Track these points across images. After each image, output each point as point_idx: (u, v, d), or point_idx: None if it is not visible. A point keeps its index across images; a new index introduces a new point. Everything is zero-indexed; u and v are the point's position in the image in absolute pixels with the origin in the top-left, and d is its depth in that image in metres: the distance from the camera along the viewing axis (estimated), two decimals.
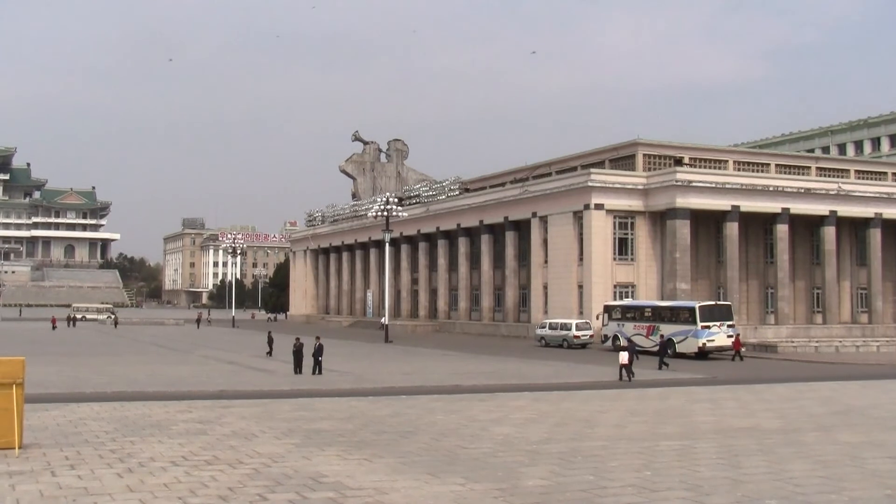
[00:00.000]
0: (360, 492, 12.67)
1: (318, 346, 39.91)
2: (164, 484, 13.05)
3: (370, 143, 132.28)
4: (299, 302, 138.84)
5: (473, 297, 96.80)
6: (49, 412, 21.21)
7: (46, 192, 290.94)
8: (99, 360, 49.75)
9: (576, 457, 15.97)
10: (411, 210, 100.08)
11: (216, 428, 19.11)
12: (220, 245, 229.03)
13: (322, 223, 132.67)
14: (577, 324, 66.31)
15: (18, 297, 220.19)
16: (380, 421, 20.82)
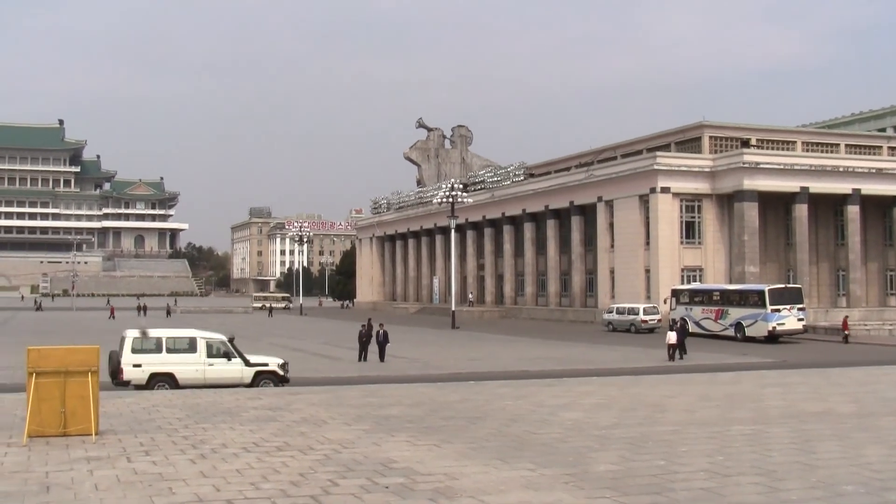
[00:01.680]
0: (430, 477, 12.68)
1: (383, 332, 40.04)
2: (237, 470, 13.17)
3: (434, 129, 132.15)
4: (366, 289, 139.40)
5: (540, 282, 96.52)
6: (123, 399, 21.52)
7: (116, 183, 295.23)
8: None
9: (646, 442, 15.85)
10: (476, 196, 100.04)
11: (286, 414, 19.24)
12: (287, 233, 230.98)
13: (387, 210, 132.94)
14: (644, 308, 65.85)
15: (91, 287, 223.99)
16: (448, 407, 20.84)
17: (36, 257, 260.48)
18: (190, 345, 28.86)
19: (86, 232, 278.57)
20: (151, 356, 28.09)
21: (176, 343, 28.89)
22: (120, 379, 27.39)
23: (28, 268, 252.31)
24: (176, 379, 27.87)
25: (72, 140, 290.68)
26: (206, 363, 28.44)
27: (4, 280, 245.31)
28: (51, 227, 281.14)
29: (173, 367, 28.10)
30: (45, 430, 15.55)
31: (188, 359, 28.34)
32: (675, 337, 40.72)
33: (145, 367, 27.74)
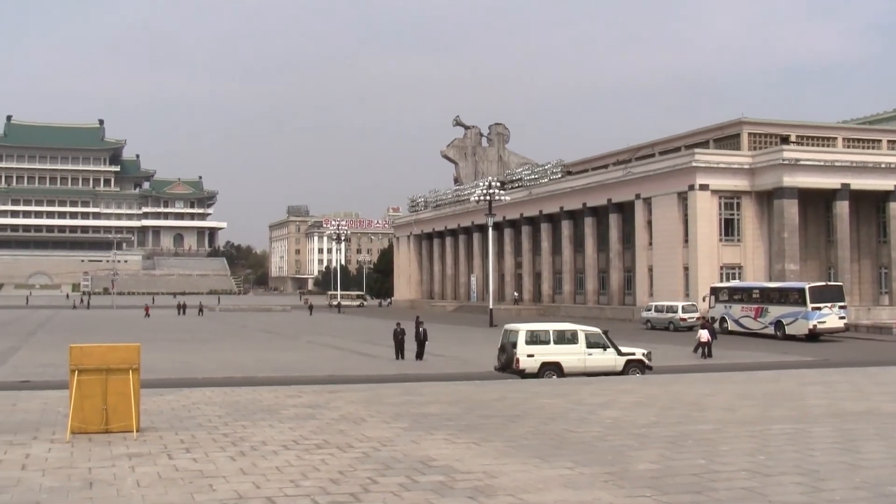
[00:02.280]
0: (469, 475, 12.68)
1: (423, 330, 40.05)
2: (276, 467, 13.23)
3: (471, 127, 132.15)
4: (403, 287, 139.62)
5: (577, 280, 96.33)
6: (164, 397, 21.67)
7: (155, 182, 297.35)
8: (208, 346, 50.72)
9: (686, 440, 15.76)
10: (514, 194, 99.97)
11: (325, 412, 19.30)
12: (325, 232, 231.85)
13: (425, 208, 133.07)
14: (683, 306, 65.51)
15: (131, 285, 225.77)
16: (486, 405, 20.82)
17: (77, 256, 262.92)
18: (572, 336, 32.56)
19: (126, 231, 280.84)
20: (542, 347, 31.63)
21: (560, 335, 32.44)
22: (516, 368, 31.04)
23: (69, 266, 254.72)
24: (562, 367, 31.45)
25: (111, 140, 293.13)
26: (585, 353, 32.03)
27: (46, 278, 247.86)
28: (91, 227, 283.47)
29: (560, 356, 31.71)
30: (88, 427, 15.70)
31: (571, 349, 32.00)
32: (707, 335, 41.16)
33: (537, 357, 31.35)
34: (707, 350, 41.06)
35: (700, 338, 41.41)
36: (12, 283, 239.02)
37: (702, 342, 41.15)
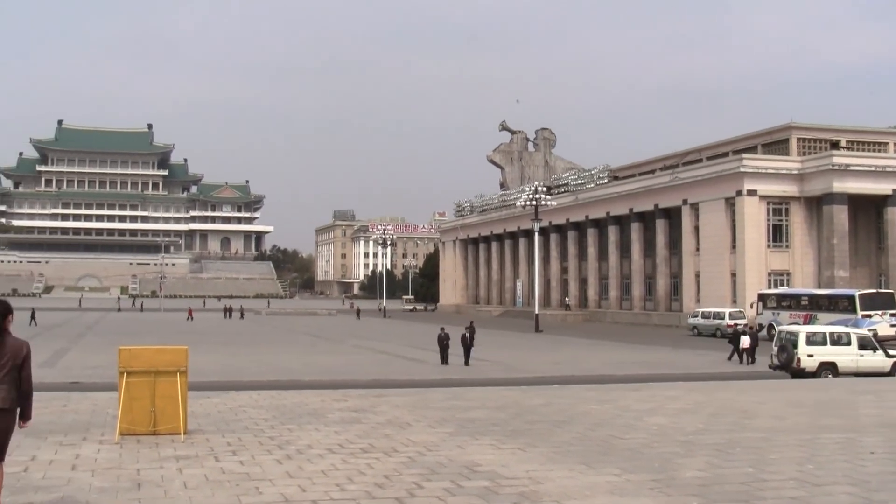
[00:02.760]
0: (514, 481, 12.62)
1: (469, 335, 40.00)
2: (322, 471, 13.24)
3: (518, 132, 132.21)
4: (449, 292, 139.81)
5: (624, 285, 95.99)
6: (210, 399, 21.79)
7: (203, 186, 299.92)
8: (254, 349, 51.01)
9: (734, 448, 15.60)
10: (560, 199, 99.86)
11: (370, 416, 19.31)
12: (371, 236, 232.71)
13: (471, 213, 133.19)
14: (730, 312, 65.03)
15: (178, 288, 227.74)
16: (532, 410, 20.74)
17: (125, 259, 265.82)
18: (846, 339, 34.46)
19: (173, 234, 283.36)
20: (820, 348, 33.56)
21: (836, 337, 34.37)
22: (797, 366, 32.98)
23: (118, 269, 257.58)
24: (837, 367, 33.35)
25: (160, 144, 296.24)
26: (857, 354, 34.02)
27: (96, 281, 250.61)
28: (140, 230, 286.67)
29: (835, 357, 33.63)
30: (136, 429, 15.82)
31: (845, 350, 33.95)
32: (749, 341, 41.03)
33: (816, 357, 33.28)
34: (750, 356, 40.82)
35: (742, 344, 41.22)
36: (62, 286, 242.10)
37: (743, 348, 41.01)
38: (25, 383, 9.87)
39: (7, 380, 9.67)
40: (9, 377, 9.69)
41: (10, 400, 9.70)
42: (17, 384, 9.79)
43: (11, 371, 9.71)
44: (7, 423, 9.80)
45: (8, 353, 9.71)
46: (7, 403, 9.67)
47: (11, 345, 9.78)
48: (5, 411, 9.69)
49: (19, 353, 9.80)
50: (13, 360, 9.74)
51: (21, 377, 9.82)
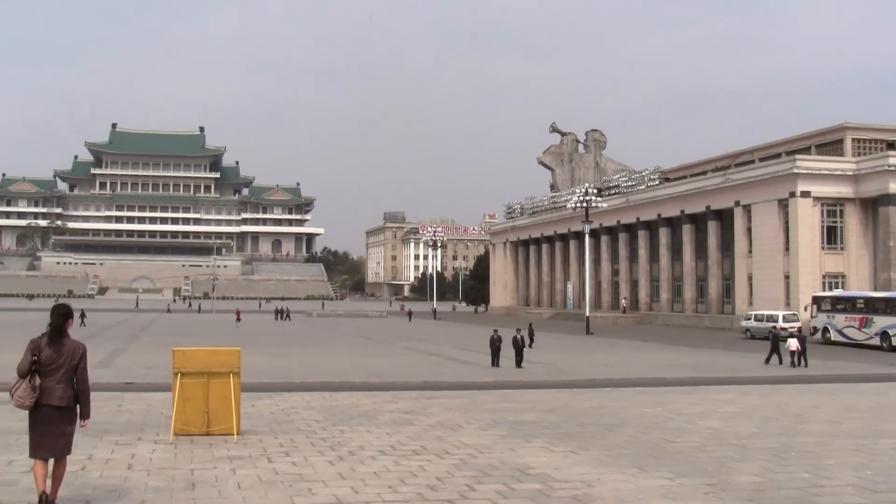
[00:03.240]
0: (566, 484, 12.59)
1: (521, 338, 39.85)
2: (374, 472, 13.29)
3: (568, 133, 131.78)
4: (499, 294, 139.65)
5: (675, 288, 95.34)
6: (262, 401, 21.94)
7: (254, 189, 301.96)
8: (305, 350, 51.20)
9: (788, 453, 15.44)
10: (610, 201, 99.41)
11: (422, 418, 19.35)
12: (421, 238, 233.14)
13: (521, 215, 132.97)
14: (783, 315, 64.19)
15: (230, 290, 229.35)
16: (584, 413, 20.69)
17: (178, 261, 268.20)
18: None
19: (225, 236, 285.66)
20: None
21: None
22: None
23: (171, 271, 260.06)
24: None
25: (212, 147, 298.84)
26: None
27: (149, 283, 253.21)
28: (192, 232, 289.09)
29: None
30: (190, 429, 15.96)
31: None
32: (797, 344, 40.51)
33: None
34: (799, 359, 40.34)
35: (789, 346, 40.79)
36: (116, 287, 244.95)
37: (791, 351, 40.57)
38: (81, 383, 10.48)
39: (64, 379, 10.30)
40: (66, 377, 10.33)
41: (67, 399, 10.33)
42: (73, 384, 10.41)
43: (68, 371, 10.33)
44: (67, 419, 10.40)
45: (66, 353, 10.33)
46: (64, 402, 10.30)
47: (69, 346, 10.40)
48: (63, 409, 10.32)
49: (75, 354, 10.43)
50: (70, 361, 10.35)
51: (77, 377, 10.43)
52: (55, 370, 10.29)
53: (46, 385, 10.25)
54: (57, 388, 10.27)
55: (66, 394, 10.35)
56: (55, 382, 10.28)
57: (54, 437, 10.36)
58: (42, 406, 10.26)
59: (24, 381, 10.22)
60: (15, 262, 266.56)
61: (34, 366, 10.24)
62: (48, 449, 10.38)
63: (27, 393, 10.18)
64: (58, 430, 10.37)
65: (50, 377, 10.27)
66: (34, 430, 10.43)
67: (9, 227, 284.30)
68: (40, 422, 10.34)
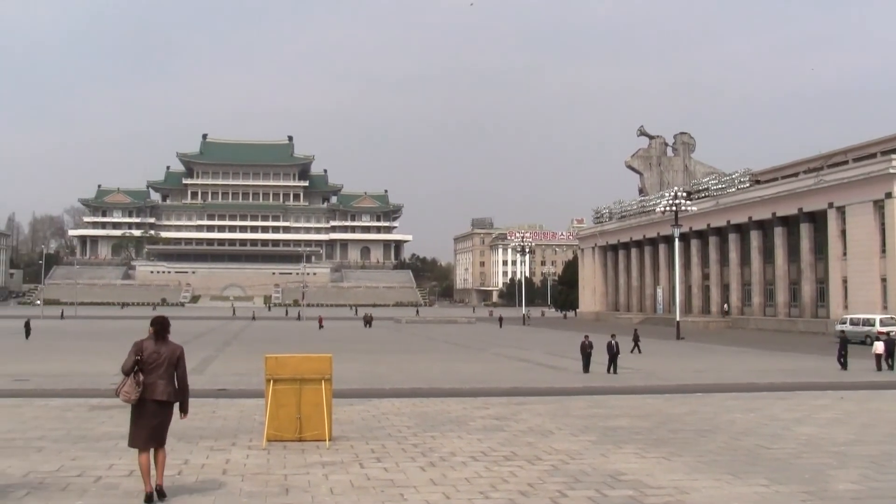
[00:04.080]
0: (659, 490, 12.46)
1: (615, 343, 39.60)
2: (466, 478, 13.29)
3: (656, 137, 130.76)
4: (588, 299, 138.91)
5: (767, 292, 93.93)
6: (353, 407, 22.08)
7: (342, 196, 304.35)
8: (394, 357, 51.43)
9: (889, 461, 15.09)
10: (700, 204, 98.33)
11: (512, 424, 19.32)
12: (509, 244, 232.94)
13: (609, 219, 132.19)
14: (880, 319, 62.84)
15: (319, 297, 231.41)
16: (676, 419, 20.45)
17: (268, 269, 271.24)
18: None
19: (314, 244, 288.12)
20: None
21: None
22: None
23: (261, 279, 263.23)
24: None
25: (300, 155, 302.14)
26: None
27: (240, 290, 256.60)
28: (282, 240, 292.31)
29: None
30: (283, 435, 16.12)
31: None
32: (882, 347, 39.84)
33: None
34: (887, 362, 39.79)
35: (875, 350, 40.17)
36: (208, 295, 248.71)
37: (875, 354, 39.95)
38: (181, 381, 11.85)
39: (165, 376, 11.62)
40: (167, 374, 11.65)
41: (168, 393, 11.63)
42: (173, 381, 11.75)
43: (168, 369, 11.68)
44: (166, 414, 11.70)
45: (165, 353, 11.72)
46: (166, 396, 11.59)
47: (168, 347, 11.83)
48: (164, 403, 11.62)
49: (174, 354, 11.81)
50: (169, 360, 11.72)
51: (177, 375, 11.81)
52: (156, 367, 11.55)
53: (149, 381, 11.48)
54: (159, 383, 11.53)
55: (167, 389, 11.60)
56: (157, 378, 11.52)
57: (155, 429, 11.53)
58: (146, 401, 11.46)
59: (129, 379, 11.43)
60: (111, 271, 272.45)
61: (137, 364, 11.48)
62: (148, 440, 11.51)
63: (133, 388, 11.38)
64: (158, 422, 11.57)
65: (152, 374, 11.51)
66: (137, 423, 11.55)
67: (105, 237, 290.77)
68: (143, 415, 11.49)
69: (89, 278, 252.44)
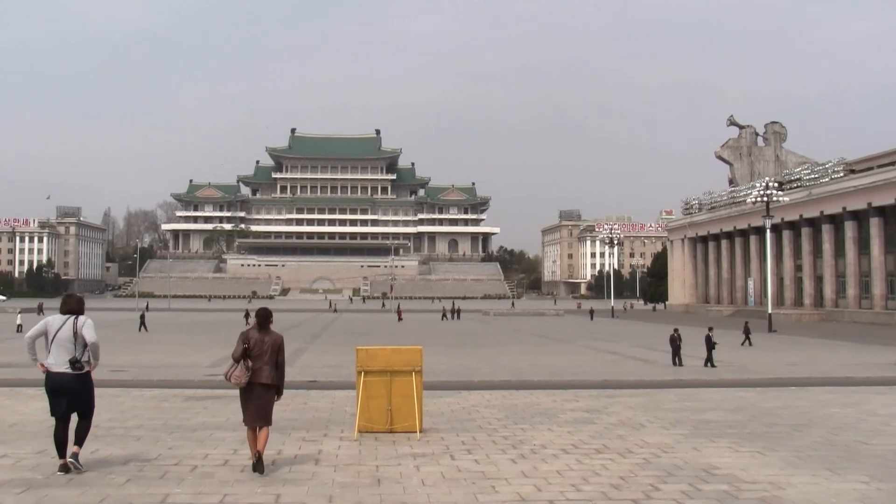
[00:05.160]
0: (754, 486, 12.26)
1: (711, 336, 39.16)
2: (557, 471, 13.23)
3: (746, 126, 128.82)
4: (678, 291, 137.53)
5: (863, 283, 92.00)
6: (443, 399, 22.11)
7: (430, 189, 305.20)
8: (482, 350, 51.42)
9: None
10: (792, 194, 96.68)
11: (603, 417, 19.18)
12: (597, 236, 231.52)
13: (699, 211, 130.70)
14: None
15: (407, 290, 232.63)
16: (769, 413, 20.11)
17: (357, 262, 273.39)
18: None
19: (402, 237, 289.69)
20: None
21: None
22: None
23: (350, 272, 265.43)
24: None
25: (387, 149, 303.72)
26: None
27: (329, 283, 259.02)
28: (370, 233, 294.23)
29: None
30: (374, 427, 16.21)
31: None
32: None
33: None
34: None
35: None
36: (298, 288, 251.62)
37: None
38: (281, 367, 13.27)
39: (270, 363, 13.01)
40: (270, 360, 13.02)
41: (272, 377, 13.04)
42: (276, 366, 13.12)
43: (272, 356, 13.04)
44: (270, 395, 13.08)
45: (269, 342, 13.09)
46: (270, 380, 13.01)
47: (272, 336, 13.20)
48: (268, 386, 13.01)
49: (276, 343, 13.21)
50: (273, 348, 13.09)
51: (278, 361, 13.18)
52: (261, 355, 12.93)
53: (256, 367, 12.89)
54: (265, 369, 12.93)
55: (271, 374, 13.02)
56: (263, 364, 12.92)
57: (260, 408, 12.89)
58: (253, 384, 12.87)
59: (238, 365, 12.84)
60: (202, 264, 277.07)
61: (245, 352, 12.85)
62: (255, 418, 12.89)
63: (242, 373, 12.79)
64: (263, 402, 12.93)
65: (258, 360, 12.91)
66: (245, 403, 13.00)
67: (196, 231, 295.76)
68: (250, 397, 12.92)
69: (182, 272, 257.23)
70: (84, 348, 12.31)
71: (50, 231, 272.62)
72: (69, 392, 12.25)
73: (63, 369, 12.18)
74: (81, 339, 12.28)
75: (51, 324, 12.38)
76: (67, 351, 12.23)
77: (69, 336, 12.26)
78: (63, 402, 12.27)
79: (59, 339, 12.24)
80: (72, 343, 12.24)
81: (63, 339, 12.24)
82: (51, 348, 12.29)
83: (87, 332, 12.31)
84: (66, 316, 12.44)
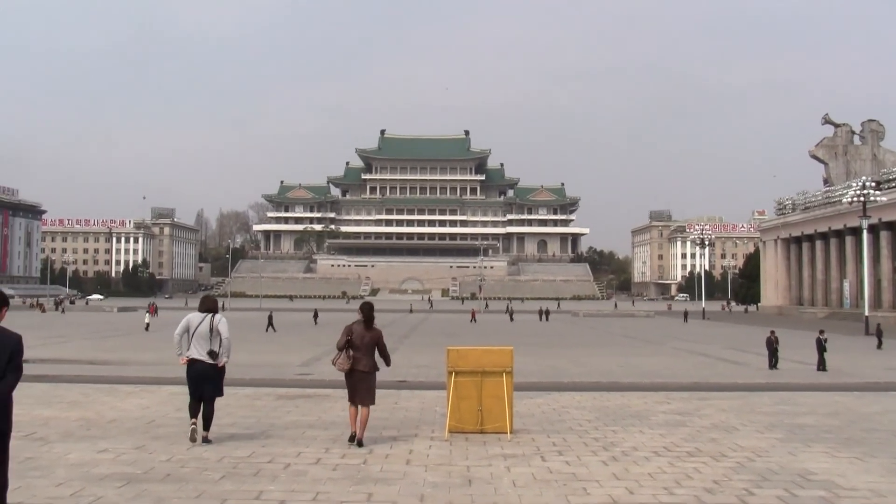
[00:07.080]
0: (853, 493, 11.98)
1: (823, 339, 38.44)
2: (649, 473, 13.10)
3: (842, 125, 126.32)
4: (770, 293, 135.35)
5: None
6: (533, 400, 22.05)
7: (519, 190, 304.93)
8: (572, 351, 51.24)
9: None
10: (890, 194, 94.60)
11: (695, 420, 18.95)
12: (688, 237, 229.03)
13: (792, 211, 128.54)
14: None
15: (496, 290, 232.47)
16: (868, 418, 19.67)
17: (445, 262, 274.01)
18: None
19: (491, 237, 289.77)
20: None
21: None
22: None
23: (439, 272, 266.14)
24: None
25: (476, 149, 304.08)
26: None
27: (418, 283, 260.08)
28: (459, 234, 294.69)
29: None
30: (464, 427, 16.22)
31: None
32: None
33: None
34: None
35: None
36: (387, 288, 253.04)
37: None
38: (383, 352, 15.43)
39: (368, 353, 15.09)
40: (370, 351, 15.11)
41: (369, 367, 15.10)
42: (374, 357, 15.19)
43: (371, 348, 15.14)
44: (370, 381, 15.13)
45: (369, 336, 15.17)
46: (368, 368, 15.06)
47: (372, 331, 15.22)
48: (367, 373, 15.05)
49: (375, 337, 15.25)
50: (371, 341, 15.18)
51: (379, 350, 15.29)
52: (362, 346, 14.95)
53: (356, 356, 14.94)
54: (363, 359, 14.99)
55: (369, 363, 15.06)
56: (362, 355, 14.97)
57: (362, 391, 14.95)
58: (354, 371, 14.93)
59: (342, 353, 14.97)
60: (293, 264, 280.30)
61: (348, 343, 14.89)
62: (358, 399, 14.94)
63: (345, 361, 14.90)
64: (364, 386, 14.94)
65: (358, 351, 14.94)
66: (350, 386, 15.03)
67: (287, 231, 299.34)
68: (353, 382, 14.97)
69: (273, 272, 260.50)
70: (219, 341, 14.78)
71: (145, 232, 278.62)
72: (205, 378, 14.74)
73: (202, 358, 14.70)
74: (217, 333, 14.80)
75: (192, 320, 14.94)
76: (206, 343, 14.75)
77: (206, 331, 14.79)
78: (200, 385, 14.79)
79: (198, 334, 14.79)
80: (209, 337, 14.78)
81: (202, 333, 14.78)
82: (191, 341, 14.83)
83: (222, 327, 14.88)
84: (204, 314, 15.01)
